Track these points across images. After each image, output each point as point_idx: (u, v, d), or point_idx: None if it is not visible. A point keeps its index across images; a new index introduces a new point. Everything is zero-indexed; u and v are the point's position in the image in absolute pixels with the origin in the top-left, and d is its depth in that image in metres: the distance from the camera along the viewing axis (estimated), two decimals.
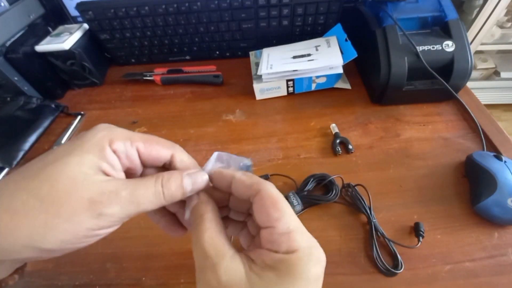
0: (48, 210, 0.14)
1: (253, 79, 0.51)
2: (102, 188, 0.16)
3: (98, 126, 0.18)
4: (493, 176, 0.33)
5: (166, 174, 0.18)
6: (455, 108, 0.47)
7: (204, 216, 0.18)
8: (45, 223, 0.14)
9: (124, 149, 0.18)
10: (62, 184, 0.15)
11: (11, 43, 0.51)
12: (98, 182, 0.16)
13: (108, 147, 0.17)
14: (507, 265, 0.30)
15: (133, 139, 0.18)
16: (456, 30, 0.43)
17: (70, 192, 0.15)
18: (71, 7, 0.60)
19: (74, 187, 0.15)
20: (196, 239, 0.17)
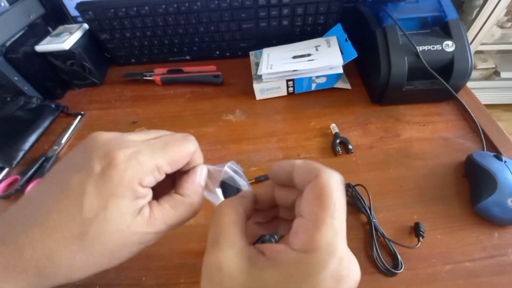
0: (109, 259, 0.17)
1: (253, 79, 0.51)
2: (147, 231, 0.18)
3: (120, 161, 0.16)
4: (493, 176, 0.33)
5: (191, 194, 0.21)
6: (455, 108, 0.47)
7: (232, 203, 0.18)
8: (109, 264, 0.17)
9: (154, 180, 0.18)
10: (113, 244, 0.16)
11: (11, 43, 0.51)
12: (142, 227, 0.17)
13: (139, 188, 0.17)
14: (507, 265, 0.30)
15: (161, 166, 0.18)
16: (456, 30, 0.43)
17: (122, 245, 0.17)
18: (71, 7, 0.60)
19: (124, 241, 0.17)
20: (216, 219, 0.18)
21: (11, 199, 0.40)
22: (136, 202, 0.17)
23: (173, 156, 0.19)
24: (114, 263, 0.17)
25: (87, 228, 0.16)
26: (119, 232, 0.16)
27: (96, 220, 0.16)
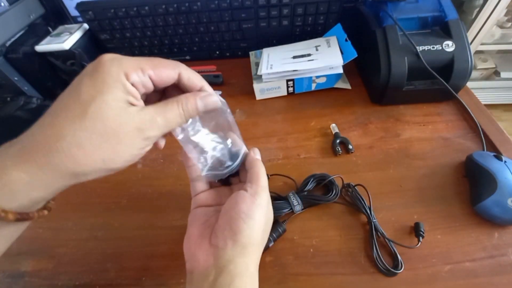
0: (110, 141, 0.19)
1: (253, 79, 0.51)
2: (141, 118, 0.20)
3: (106, 60, 0.19)
4: (493, 176, 0.33)
5: (184, 99, 0.22)
6: (455, 108, 0.47)
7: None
8: (113, 151, 0.19)
9: (139, 79, 0.20)
10: (111, 121, 0.18)
11: (11, 43, 0.51)
12: (136, 113, 0.19)
13: (127, 82, 0.19)
14: (507, 265, 0.30)
15: (144, 68, 0.20)
16: (456, 30, 0.43)
17: (120, 125, 0.19)
18: (71, 7, 0.60)
19: (121, 121, 0.19)
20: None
21: None
22: (126, 94, 0.19)
23: (156, 64, 0.21)
24: (118, 149, 0.19)
25: (87, 108, 0.18)
26: (116, 112, 0.19)
27: (94, 102, 0.18)
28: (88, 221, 0.38)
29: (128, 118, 0.19)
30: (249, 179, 0.26)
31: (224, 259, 0.22)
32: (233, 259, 0.22)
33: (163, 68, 0.21)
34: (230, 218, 0.23)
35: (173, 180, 0.41)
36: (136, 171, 0.43)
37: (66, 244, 0.36)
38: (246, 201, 0.24)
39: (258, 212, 0.24)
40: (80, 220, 0.38)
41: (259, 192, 0.25)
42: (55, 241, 0.36)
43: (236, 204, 0.24)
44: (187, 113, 0.22)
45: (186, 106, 0.22)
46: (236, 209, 0.23)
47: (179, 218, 0.37)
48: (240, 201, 0.24)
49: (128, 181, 0.42)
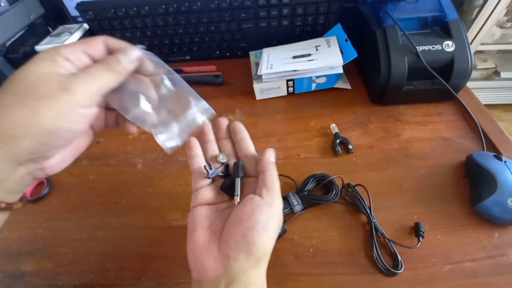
0: (32, 98, 0.18)
1: (253, 79, 0.51)
2: (64, 76, 0.19)
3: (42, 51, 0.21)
4: (493, 176, 0.33)
5: (107, 60, 0.22)
6: (455, 108, 0.47)
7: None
8: (35, 108, 0.18)
9: (71, 53, 0.20)
10: (34, 80, 0.19)
11: (11, 43, 0.51)
12: (59, 74, 0.19)
13: (57, 56, 0.20)
14: (507, 265, 0.30)
15: (74, 45, 0.21)
16: (456, 30, 0.43)
17: (41, 83, 0.19)
18: (71, 7, 0.60)
19: (43, 79, 0.19)
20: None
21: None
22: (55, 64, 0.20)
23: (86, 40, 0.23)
24: (47, 110, 0.19)
25: (14, 77, 0.19)
26: (40, 75, 0.19)
27: (21, 70, 0.19)
28: (88, 221, 0.38)
29: (50, 77, 0.19)
30: (264, 183, 0.24)
31: (236, 270, 0.21)
32: (246, 270, 0.21)
33: (90, 40, 0.23)
34: (245, 229, 0.22)
35: (173, 180, 0.41)
36: (136, 171, 0.43)
37: (66, 244, 0.36)
38: (263, 212, 0.23)
39: (274, 223, 0.23)
40: (80, 220, 0.38)
41: (275, 201, 0.24)
42: (55, 241, 0.36)
43: (252, 214, 0.22)
44: (117, 72, 0.22)
45: (112, 66, 0.22)
46: (252, 220, 0.22)
47: (179, 218, 0.37)
48: (257, 211, 0.23)
49: (128, 181, 0.42)
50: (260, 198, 0.23)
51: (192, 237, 0.24)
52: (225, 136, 0.30)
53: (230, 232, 0.23)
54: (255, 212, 0.22)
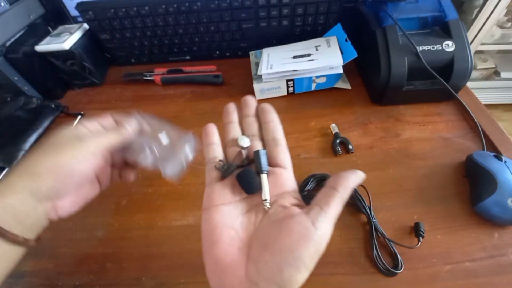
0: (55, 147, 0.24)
1: (253, 79, 0.51)
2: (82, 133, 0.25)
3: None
4: (493, 176, 0.33)
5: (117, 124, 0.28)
6: (455, 108, 0.47)
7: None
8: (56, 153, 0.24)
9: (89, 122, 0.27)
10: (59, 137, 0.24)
11: (11, 43, 0.51)
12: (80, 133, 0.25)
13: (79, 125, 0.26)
14: (507, 265, 0.30)
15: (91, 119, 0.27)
16: (456, 30, 0.43)
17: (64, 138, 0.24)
18: (71, 7, 0.60)
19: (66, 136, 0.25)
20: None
21: None
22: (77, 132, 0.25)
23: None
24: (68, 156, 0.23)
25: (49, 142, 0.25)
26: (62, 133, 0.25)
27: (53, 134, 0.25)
28: (88, 221, 0.38)
29: (71, 134, 0.24)
30: (326, 204, 0.20)
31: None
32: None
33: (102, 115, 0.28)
34: (284, 262, 0.18)
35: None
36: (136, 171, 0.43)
37: (66, 244, 0.36)
38: (311, 246, 0.18)
39: (316, 259, 0.19)
40: (80, 220, 0.38)
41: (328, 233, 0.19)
42: (55, 241, 0.36)
43: (297, 246, 0.18)
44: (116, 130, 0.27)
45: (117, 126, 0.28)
46: (295, 254, 0.18)
47: (179, 218, 0.37)
48: (304, 243, 0.18)
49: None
50: (311, 225, 0.19)
51: (213, 251, 0.20)
52: (251, 114, 0.26)
53: (264, 259, 0.18)
54: (302, 245, 0.18)
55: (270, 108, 0.26)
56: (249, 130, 0.25)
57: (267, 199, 0.21)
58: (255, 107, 0.27)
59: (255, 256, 0.19)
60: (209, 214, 0.21)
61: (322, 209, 0.19)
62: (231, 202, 0.22)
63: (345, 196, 0.20)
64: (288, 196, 0.22)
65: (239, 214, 0.22)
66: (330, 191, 0.20)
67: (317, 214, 0.19)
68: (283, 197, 0.22)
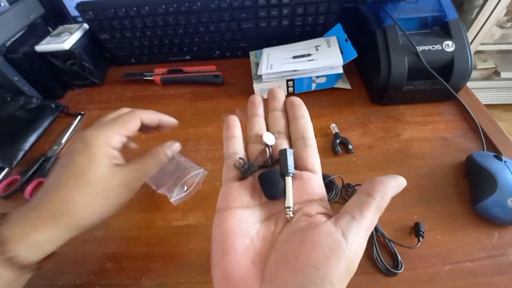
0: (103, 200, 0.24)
1: (253, 79, 0.51)
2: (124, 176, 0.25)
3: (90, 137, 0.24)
4: (493, 176, 0.33)
5: (155, 152, 0.29)
6: (455, 108, 0.47)
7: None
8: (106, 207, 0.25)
9: (119, 143, 0.26)
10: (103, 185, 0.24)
11: (11, 43, 0.51)
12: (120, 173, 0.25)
13: (110, 148, 0.25)
14: (507, 265, 0.30)
15: (119, 132, 0.26)
16: (456, 30, 0.43)
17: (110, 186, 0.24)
18: (71, 7, 0.60)
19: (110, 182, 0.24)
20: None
21: (11, 199, 0.40)
22: (111, 159, 0.25)
23: (123, 122, 0.27)
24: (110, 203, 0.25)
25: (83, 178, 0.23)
26: (104, 176, 0.24)
27: (89, 172, 0.23)
28: None
29: (115, 178, 0.24)
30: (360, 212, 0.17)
31: None
32: None
33: (129, 123, 0.27)
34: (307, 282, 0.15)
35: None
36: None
37: (66, 244, 0.36)
38: (341, 263, 0.15)
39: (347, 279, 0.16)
40: None
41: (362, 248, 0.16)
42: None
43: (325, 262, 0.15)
44: (160, 161, 0.28)
45: (159, 157, 0.28)
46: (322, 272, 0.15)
47: (179, 218, 0.37)
48: (333, 259, 0.15)
49: None
50: (342, 237, 0.16)
51: (224, 261, 0.17)
52: (278, 108, 0.23)
53: (283, 277, 0.15)
54: (331, 261, 0.15)
55: (300, 103, 0.23)
56: (275, 126, 0.23)
57: (290, 206, 0.18)
58: (283, 100, 0.24)
59: (272, 273, 0.16)
60: (222, 217, 0.19)
61: (355, 218, 0.16)
62: (249, 206, 0.19)
63: (383, 205, 0.17)
64: (315, 205, 0.19)
65: (256, 221, 0.19)
66: (365, 198, 0.17)
67: (349, 225, 0.16)
68: (309, 205, 0.19)
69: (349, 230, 0.16)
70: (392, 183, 0.18)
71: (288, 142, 0.22)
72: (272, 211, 0.19)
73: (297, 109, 0.22)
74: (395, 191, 0.18)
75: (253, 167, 0.20)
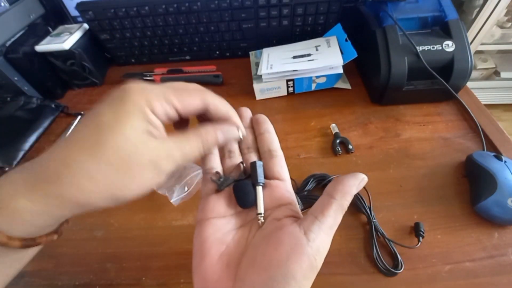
0: (121, 174, 0.17)
1: (253, 79, 0.51)
2: (158, 151, 0.18)
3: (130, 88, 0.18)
4: (493, 176, 0.33)
5: (203, 131, 0.20)
6: (455, 108, 0.47)
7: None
8: (123, 184, 0.17)
9: (163, 110, 0.19)
10: (125, 150, 0.17)
11: (11, 43, 0.51)
12: (153, 145, 0.18)
13: (150, 111, 0.18)
14: (507, 265, 0.30)
15: (168, 98, 0.19)
16: (456, 30, 0.43)
17: (134, 156, 0.17)
18: (71, 7, 0.60)
19: (135, 151, 0.17)
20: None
21: None
22: (147, 124, 0.18)
23: (182, 93, 0.19)
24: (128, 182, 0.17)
25: (101, 138, 0.17)
26: (132, 144, 0.17)
27: (110, 132, 0.17)
28: (88, 221, 0.38)
29: (144, 150, 0.17)
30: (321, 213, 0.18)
31: None
32: None
33: (188, 97, 0.20)
34: (273, 280, 0.16)
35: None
36: None
37: (66, 244, 0.36)
38: (303, 260, 0.16)
39: (312, 277, 0.17)
40: (80, 220, 0.38)
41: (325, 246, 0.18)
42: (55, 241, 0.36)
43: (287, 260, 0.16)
44: (206, 146, 0.20)
45: (206, 140, 0.20)
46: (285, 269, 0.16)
47: (179, 218, 0.37)
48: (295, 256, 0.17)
49: None
50: (303, 235, 0.17)
51: (201, 266, 0.19)
52: (245, 126, 0.25)
53: (251, 277, 0.17)
54: (292, 259, 0.16)
55: (264, 119, 0.25)
56: (244, 142, 0.24)
57: (261, 212, 0.20)
58: (249, 118, 0.25)
59: (242, 274, 0.17)
60: (201, 227, 0.20)
61: (317, 218, 0.18)
62: (225, 215, 0.21)
63: (344, 203, 0.19)
64: (284, 209, 0.20)
65: (232, 229, 0.20)
66: (326, 198, 0.19)
67: (311, 224, 0.18)
68: (278, 210, 0.20)
69: (310, 229, 0.17)
70: (351, 181, 0.19)
71: (257, 155, 0.24)
72: (247, 219, 0.21)
73: (262, 125, 0.25)
74: (356, 189, 0.19)
75: (228, 180, 0.22)
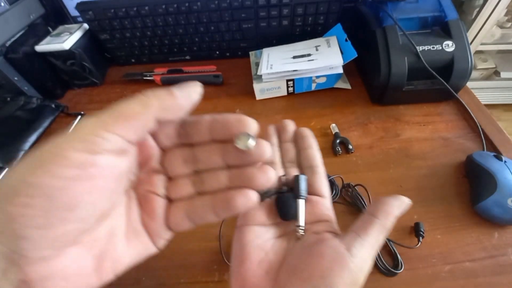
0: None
1: (253, 79, 0.51)
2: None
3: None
4: (493, 176, 0.33)
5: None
6: (455, 108, 0.47)
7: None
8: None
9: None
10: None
11: (11, 43, 0.51)
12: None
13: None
14: (507, 265, 0.30)
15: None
16: (456, 30, 0.43)
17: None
18: (71, 7, 0.60)
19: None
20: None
21: None
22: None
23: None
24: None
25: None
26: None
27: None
28: None
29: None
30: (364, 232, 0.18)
31: None
32: None
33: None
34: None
35: None
36: None
37: None
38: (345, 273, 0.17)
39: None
40: None
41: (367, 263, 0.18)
42: None
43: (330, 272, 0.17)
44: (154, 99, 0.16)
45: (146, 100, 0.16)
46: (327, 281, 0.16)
47: None
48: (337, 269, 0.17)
49: None
50: (346, 251, 0.17)
51: (241, 269, 0.19)
52: (288, 140, 0.25)
53: (293, 285, 0.17)
54: (335, 271, 0.17)
55: (308, 133, 0.25)
56: (286, 156, 0.25)
57: (301, 225, 0.20)
58: (292, 131, 0.26)
59: (282, 281, 0.18)
60: (241, 232, 0.21)
61: (359, 235, 0.18)
62: (265, 224, 0.22)
63: (387, 223, 0.19)
64: (323, 225, 0.21)
65: (271, 237, 0.21)
66: (368, 217, 0.19)
67: (353, 240, 0.18)
68: (318, 225, 0.21)
69: (353, 245, 0.18)
70: (394, 202, 0.19)
71: (298, 170, 0.24)
72: (286, 230, 0.22)
73: (305, 140, 0.25)
74: (398, 210, 0.19)
75: (270, 191, 0.23)
